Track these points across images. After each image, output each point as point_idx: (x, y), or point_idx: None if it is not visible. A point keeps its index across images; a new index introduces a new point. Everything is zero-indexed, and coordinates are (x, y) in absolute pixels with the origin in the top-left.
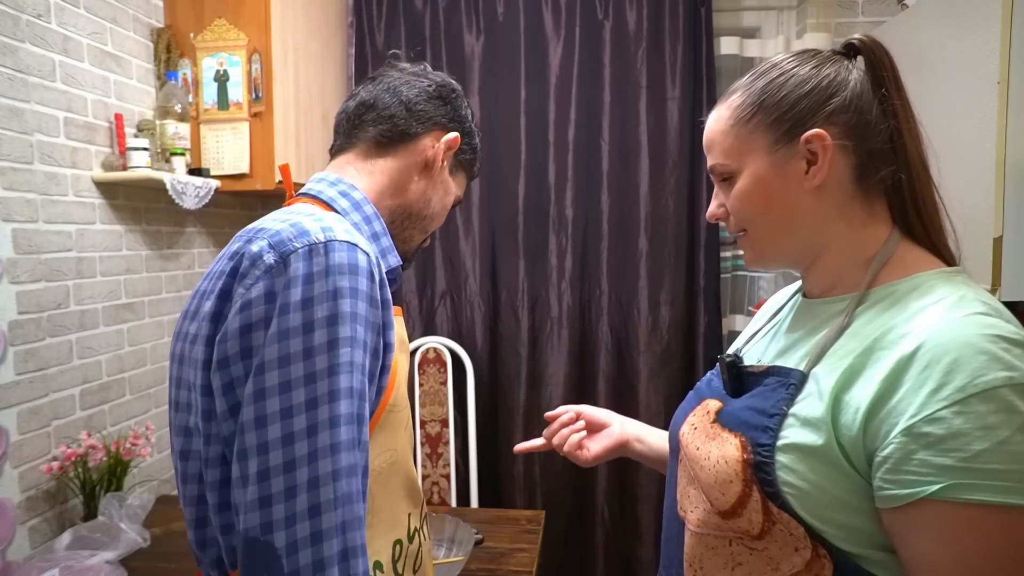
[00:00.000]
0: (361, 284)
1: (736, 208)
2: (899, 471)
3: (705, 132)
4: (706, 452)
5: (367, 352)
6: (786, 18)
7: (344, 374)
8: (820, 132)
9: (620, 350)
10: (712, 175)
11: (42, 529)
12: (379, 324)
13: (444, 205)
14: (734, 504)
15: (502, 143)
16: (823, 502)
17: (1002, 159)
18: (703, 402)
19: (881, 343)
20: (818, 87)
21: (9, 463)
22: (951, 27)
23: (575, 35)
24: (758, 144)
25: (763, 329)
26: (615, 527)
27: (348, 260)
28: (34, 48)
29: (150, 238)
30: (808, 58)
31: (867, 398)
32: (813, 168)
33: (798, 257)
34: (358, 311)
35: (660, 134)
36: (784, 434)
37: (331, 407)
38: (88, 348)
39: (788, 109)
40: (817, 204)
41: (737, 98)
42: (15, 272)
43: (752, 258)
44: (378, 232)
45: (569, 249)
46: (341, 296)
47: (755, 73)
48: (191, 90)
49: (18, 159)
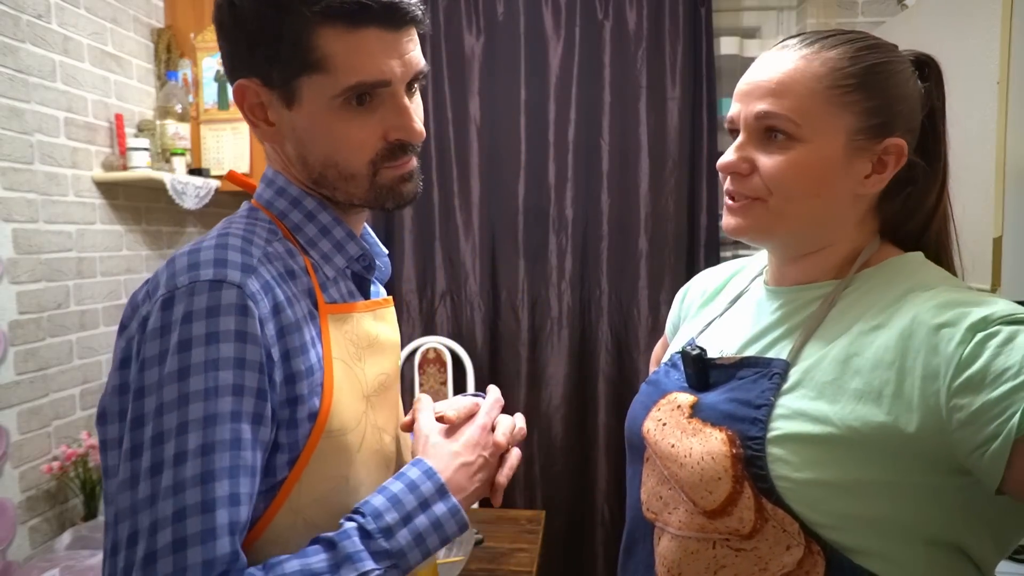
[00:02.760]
0: (223, 326)
1: (776, 175)
2: (980, 425)
3: (771, 71)
4: (685, 449)
5: (244, 395)
6: (786, 18)
7: (194, 432)
8: (903, 144)
9: (620, 350)
10: (751, 121)
11: (42, 529)
12: (262, 361)
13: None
14: (723, 502)
15: (502, 143)
16: (821, 493)
17: (1002, 159)
18: (666, 396)
19: (872, 325)
20: (916, 96)
21: (9, 463)
22: (951, 27)
23: (575, 35)
24: (843, 123)
25: (718, 318)
26: (615, 527)
27: (208, 303)
28: (35, 48)
29: (150, 238)
30: (903, 57)
31: (882, 380)
32: (876, 176)
33: (803, 247)
34: (219, 356)
35: (660, 134)
36: (775, 425)
37: (176, 471)
38: (88, 348)
39: (891, 104)
40: (851, 207)
41: (839, 58)
42: (15, 272)
43: (752, 228)
44: (326, 224)
45: (569, 249)
46: (194, 346)
47: (856, 41)
48: (191, 90)
49: (19, 159)
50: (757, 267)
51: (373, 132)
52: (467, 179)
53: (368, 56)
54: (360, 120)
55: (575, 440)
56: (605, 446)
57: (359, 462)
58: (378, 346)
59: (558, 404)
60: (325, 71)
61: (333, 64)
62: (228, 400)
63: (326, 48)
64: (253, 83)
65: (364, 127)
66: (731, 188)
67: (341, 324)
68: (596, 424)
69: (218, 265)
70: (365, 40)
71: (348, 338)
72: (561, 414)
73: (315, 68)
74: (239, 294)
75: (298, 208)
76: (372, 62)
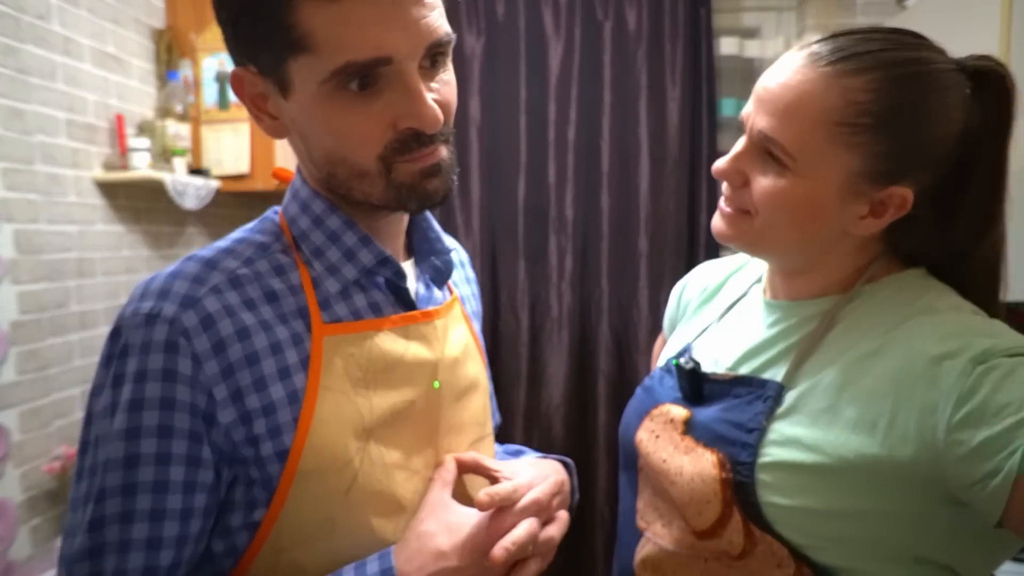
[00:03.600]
0: (152, 364)
1: (763, 200)
2: (980, 460)
3: (786, 83)
4: (676, 466)
5: (173, 437)
6: (786, 18)
7: (114, 472)
8: (907, 195)
9: (620, 350)
10: (752, 135)
11: (43, 529)
12: (193, 402)
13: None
14: (713, 525)
15: (502, 143)
16: (811, 519)
17: None
18: (659, 406)
19: (869, 351)
20: (944, 138)
21: (11, 463)
22: (951, 27)
23: (575, 35)
24: (844, 163)
25: (715, 323)
26: (615, 527)
27: (142, 339)
28: (36, 49)
29: (151, 238)
30: (950, 83)
31: (877, 411)
32: (871, 219)
33: (792, 267)
34: (144, 396)
35: (660, 134)
36: (766, 451)
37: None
38: (89, 348)
39: (907, 151)
40: (842, 240)
41: (861, 88)
42: (17, 273)
43: (736, 239)
44: (335, 230)
45: (569, 249)
46: (125, 382)
47: (894, 67)
48: (192, 90)
49: (20, 160)
50: (758, 269)
51: (378, 121)
52: (467, 179)
53: (357, 28)
54: (361, 108)
55: (575, 440)
56: (605, 446)
57: (350, 505)
58: (401, 369)
59: (558, 404)
60: (310, 51)
61: (317, 41)
62: (153, 442)
63: (308, 23)
64: (248, 71)
65: (367, 116)
66: (726, 193)
67: (344, 347)
68: (596, 424)
69: (160, 297)
70: (354, 8)
71: (352, 362)
72: (561, 414)
73: (299, 48)
74: (169, 331)
75: (306, 212)
76: (363, 35)
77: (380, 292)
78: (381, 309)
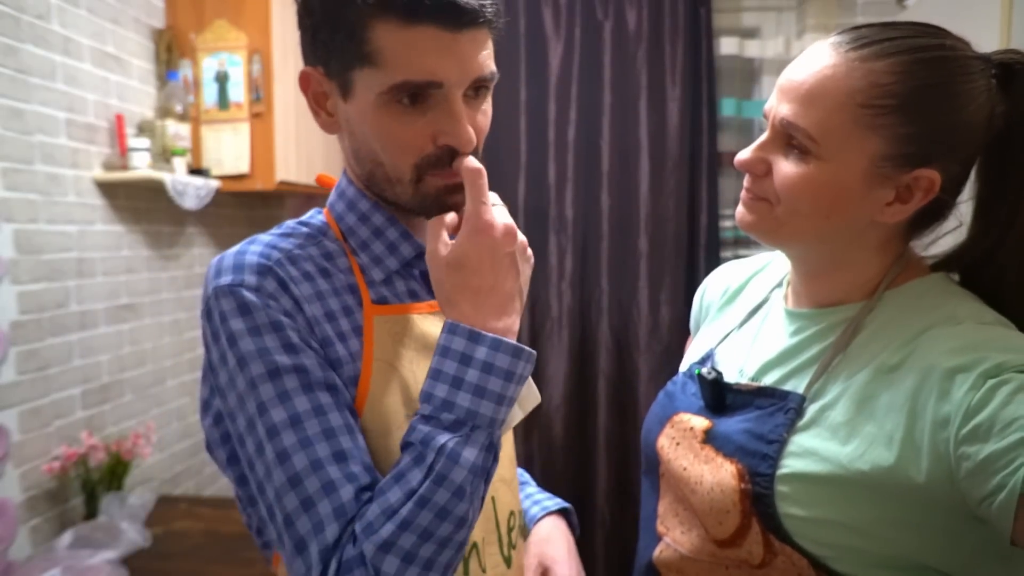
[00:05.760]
0: (259, 320)
1: (786, 187)
2: (986, 475)
3: (808, 69)
4: (697, 475)
5: (308, 371)
6: (786, 18)
7: (274, 409)
8: (935, 177)
9: (620, 350)
10: (774, 124)
11: (43, 529)
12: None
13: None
14: (732, 535)
15: (502, 143)
16: (831, 531)
17: None
18: (679, 415)
19: (890, 365)
20: (971, 123)
21: (10, 463)
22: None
23: (575, 35)
24: (869, 146)
25: (736, 330)
26: (615, 527)
27: (236, 303)
28: (35, 49)
29: (151, 238)
30: (977, 71)
31: (894, 424)
32: (898, 205)
33: (815, 262)
34: (265, 345)
35: (660, 134)
36: (785, 463)
37: (273, 443)
38: (89, 348)
39: (933, 133)
40: (868, 230)
41: (884, 71)
42: (16, 272)
43: (757, 227)
44: (379, 226)
45: (569, 249)
46: (239, 338)
47: (918, 52)
48: (192, 90)
49: (19, 160)
50: (779, 272)
51: (420, 133)
52: None
53: (420, 55)
54: (408, 119)
55: (575, 440)
56: (605, 446)
57: None
58: (411, 351)
59: (558, 404)
60: (376, 65)
61: (384, 59)
62: (293, 376)
63: (379, 42)
64: (316, 72)
65: (411, 127)
66: (747, 184)
67: (391, 326)
68: (596, 424)
69: (235, 271)
70: (419, 38)
71: (400, 340)
72: (561, 414)
73: (367, 61)
74: (257, 294)
75: (352, 210)
76: (423, 61)
77: (416, 282)
78: (419, 296)
